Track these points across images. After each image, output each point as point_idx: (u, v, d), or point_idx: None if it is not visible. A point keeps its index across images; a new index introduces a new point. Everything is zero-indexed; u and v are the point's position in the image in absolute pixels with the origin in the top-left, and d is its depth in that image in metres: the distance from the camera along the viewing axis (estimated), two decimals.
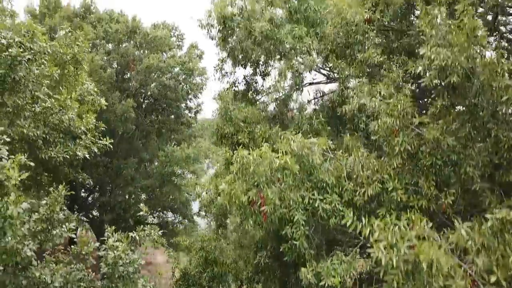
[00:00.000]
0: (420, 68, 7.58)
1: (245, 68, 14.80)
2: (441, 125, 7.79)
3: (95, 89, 15.25)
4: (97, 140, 14.44)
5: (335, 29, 11.70)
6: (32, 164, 8.44)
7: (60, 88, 13.25)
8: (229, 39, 13.46)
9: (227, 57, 14.29)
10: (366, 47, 10.87)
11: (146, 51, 30.85)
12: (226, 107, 12.89)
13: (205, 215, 34.77)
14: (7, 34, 10.86)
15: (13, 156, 7.81)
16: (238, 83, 15.66)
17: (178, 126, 33.92)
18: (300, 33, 12.14)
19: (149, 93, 29.60)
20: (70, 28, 29.29)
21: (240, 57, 14.04)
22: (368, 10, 10.88)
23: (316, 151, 8.08)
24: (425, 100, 12.06)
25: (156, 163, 29.34)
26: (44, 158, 11.42)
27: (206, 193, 15.89)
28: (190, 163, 27.94)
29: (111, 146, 31.03)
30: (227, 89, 15.22)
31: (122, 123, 27.93)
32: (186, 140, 32.37)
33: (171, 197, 28.24)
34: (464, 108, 7.85)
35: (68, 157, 12.30)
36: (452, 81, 7.06)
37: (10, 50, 10.69)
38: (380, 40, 11.36)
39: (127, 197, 29.67)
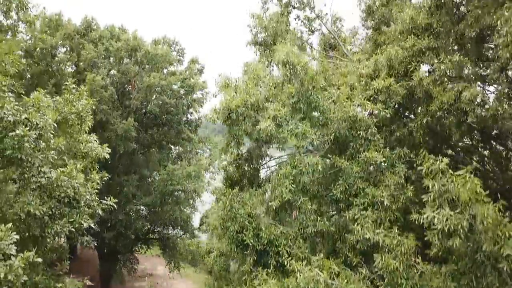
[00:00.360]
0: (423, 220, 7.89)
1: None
2: (444, 271, 8.05)
3: (98, 143, 14.89)
4: (101, 201, 14.38)
5: (338, 122, 12.08)
6: (39, 260, 8.50)
7: (65, 158, 13.18)
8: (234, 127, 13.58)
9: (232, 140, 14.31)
10: (368, 145, 11.31)
11: (147, 67, 31.05)
12: (231, 204, 12.59)
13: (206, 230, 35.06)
14: (15, 110, 10.88)
15: (21, 254, 7.94)
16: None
17: (179, 140, 34.15)
18: (303, 131, 12.02)
19: (150, 110, 29.68)
20: (71, 45, 29.80)
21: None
22: (370, 98, 11.21)
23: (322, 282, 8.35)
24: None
25: (157, 178, 29.39)
26: (50, 233, 11.28)
27: None
28: (191, 181, 28.03)
29: (112, 162, 31.23)
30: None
31: (123, 141, 28.08)
32: (187, 155, 32.58)
33: (172, 215, 28.35)
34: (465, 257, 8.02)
35: (73, 230, 12.17)
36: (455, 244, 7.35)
37: (17, 131, 10.66)
38: (381, 136, 11.77)
39: (128, 214, 29.73)
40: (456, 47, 12.61)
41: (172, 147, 34.82)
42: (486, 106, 11.43)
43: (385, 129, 12.95)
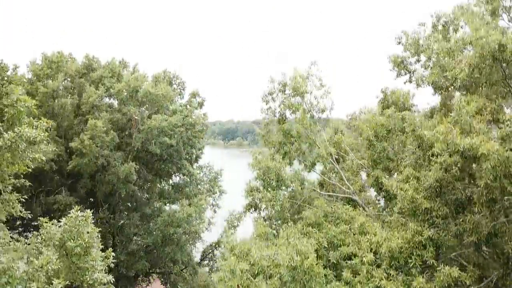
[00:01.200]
0: None
1: None
2: None
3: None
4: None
5: None
6: None
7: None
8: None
9: None
10: None
11: (148, 105, 31.25)
12: None
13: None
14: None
15: None
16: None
17: (180, 175, 34.44)
18: None
19: (151, 150, 29.83)
20: (72, 86, 29.93)
21: None
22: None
23: None
24: None
25: (159, 219, 29.54)
26: None
27: None
28: (191, 223, 28.22)
29: (113, 201, 31.35)
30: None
31: (124, 184, 28.30)
32: (188, 191, 32.84)
33: (173, 256, 28.52)
34: None
35: None
36: None
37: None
38: None
39: (129, 254, 29.87)
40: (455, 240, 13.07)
41: (172, 181, 35.09)
42: None
43: None
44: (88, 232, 13.74)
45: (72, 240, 13.29)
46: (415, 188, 13.06)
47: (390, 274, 12.62)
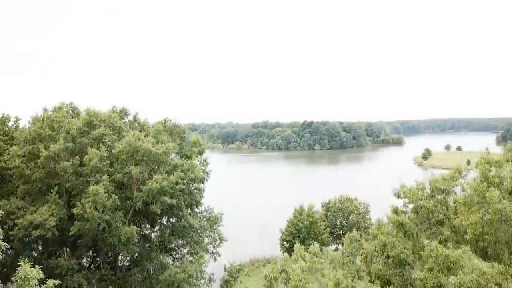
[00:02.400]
0: None
1: None
2: None
3: None
4: None
5: None
6: None
7: None
8: None
9: None
10: None
11: (149, 162, 31.41)
12: None
13: None
14: None
15: None
16: None
17: (181, 228, 34.60)
18: None
19: (152, 210, 30.01)
20: (73, 147, 30.09)
21: None
22: None
23: None
24: None
25: (160, 278, 29.73)
26: None
27: None
28: (192, 284, 28.43)
29: (115, 259, 31.47)
30: None
31: (125, 245, 28.49)
32: (189, 248, 33.07)
33: None
34: None
35: None
36: None
37: None
38: None
39: None
40: None
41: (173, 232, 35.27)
42: None
43: None
44: None
45: None
46: None
47: None
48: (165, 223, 35.05)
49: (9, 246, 28.54)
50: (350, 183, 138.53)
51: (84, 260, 32.63)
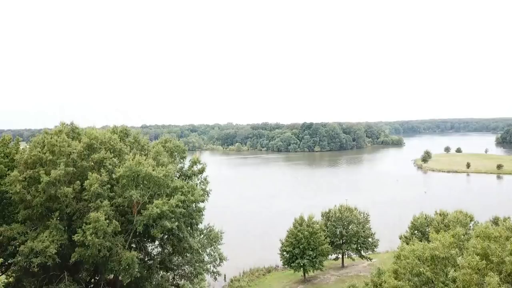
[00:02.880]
0: None
1: None
2: None
3: None
4: None
5: None
6: None
7: None
8: None
9: None
10: None
11: (149, 186, 31.48)
12: None
13: None
14: None
15: None
16: None
17: (181, 248, 34.68)
18: None
19: (152, 233, 30.09)
20: (74, 171, 30.12)
21: None
22: None
23: None
24: None
25: None
26: None
27: None
28: None
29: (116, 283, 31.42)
30: None
31: (126, 271, 28.57)
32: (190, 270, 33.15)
33: None
34: None
35: None
36: None
37: None
38: None
39: None
40: None
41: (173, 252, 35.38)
42: None
43: None
44: None
45: None
46: None
47: None
48: (165, 241, 35.11)
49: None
50: (350, 188, 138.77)
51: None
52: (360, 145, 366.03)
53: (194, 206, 33.36)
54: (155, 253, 35.74)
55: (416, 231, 56.65)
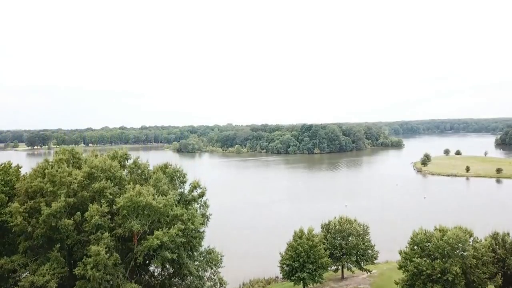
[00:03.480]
0: None
1: None
2: None
3: None
4: None
5: None
6: None
7: None
8: None
9: None
10: None
11: (149, 215, 31.55)
12: None
13: None
14: None
15: None
16: None
17: (181, 274, 34.78)
18: None
19: (153, 263, 30.23)
20: (74, 202, 30.21)
21: None
22: None
23: None
24: None
25: None
26: None
27: None
28: None
29: None
30: None
31: None
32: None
33: None
34: None
35: None
36: None
37: None
38: None
39: None
40: None
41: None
42: None
43: None
44: None
45: None
46: None
47: None
48: (166, 266, 35.20)
49: None
50: (349, 193, 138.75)
51: None
52: (359, 147, 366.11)
53: (194, 232, 33.43)
54: (156, 274, 35.85)
55: (415, 247, 56.86)
